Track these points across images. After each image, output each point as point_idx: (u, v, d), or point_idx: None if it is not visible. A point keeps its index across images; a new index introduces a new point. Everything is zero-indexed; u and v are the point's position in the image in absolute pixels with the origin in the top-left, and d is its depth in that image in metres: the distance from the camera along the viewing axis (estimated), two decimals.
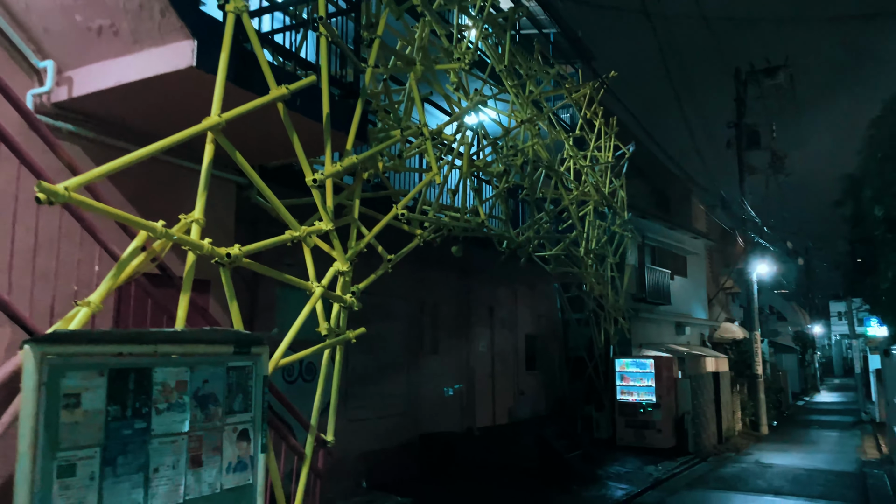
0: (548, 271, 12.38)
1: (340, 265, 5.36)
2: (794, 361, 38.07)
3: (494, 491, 10.40)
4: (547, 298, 16.32)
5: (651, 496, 10.98)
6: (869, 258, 9.71)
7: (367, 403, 10.35)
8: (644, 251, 18.52)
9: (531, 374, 15.38)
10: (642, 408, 14.71)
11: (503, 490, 10.46)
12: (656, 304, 18.54)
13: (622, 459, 13.53)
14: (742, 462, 14.66)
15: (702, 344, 21.59)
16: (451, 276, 12.83)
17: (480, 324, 13.62)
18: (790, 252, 22.87)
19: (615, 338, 15.37)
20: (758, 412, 20.50)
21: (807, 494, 11.00)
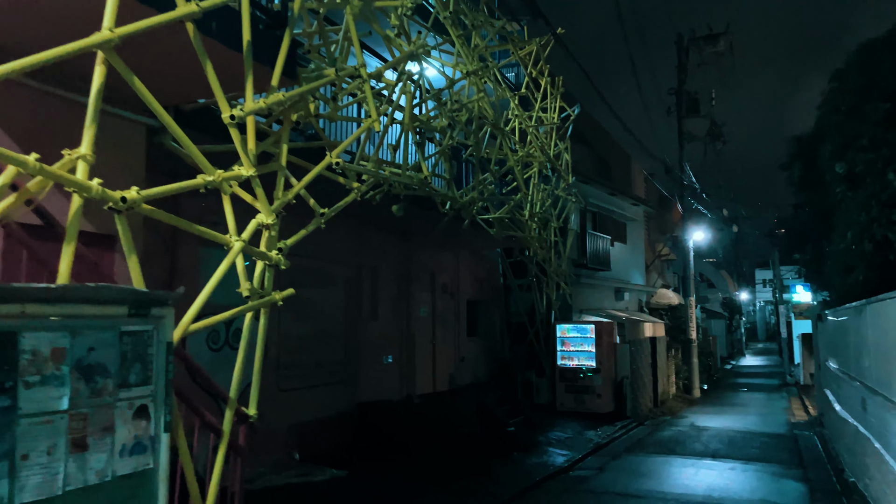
0: (491, 235, 11.95)
1: (264, 217, 4.71)
2: (723, 327, 39.28)
3: (434, 459, 10.02)
4: (489, 264, 15.94)
5: (592, 462, 10.83)
6: (814, 222, 9.64)
7: (302, 372, 9.75)
8: (586, 217, 18.34)
9: (472, 340, 15.04)
10: (582, 373, 14.60)
11: (443, 459, 10.09)
12: (597, 270, 18.45)
13: (562, 425, 13.40)
14: (678, 425, 14.79)
15: (639, 310, 21.76)
16: (392, 240, 12.24)
17: (422, 289, 13.13)
18: (725, 219, 23.25)
19: (557, 303, 15.17)
20: (691, 376, 20.88)
21: (744, 457, 11.07)
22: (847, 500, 8.25)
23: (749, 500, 8.36)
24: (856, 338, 8.31)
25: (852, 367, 8.86)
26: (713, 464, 10.54)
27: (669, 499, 8.37)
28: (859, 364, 8.19)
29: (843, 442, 9.78)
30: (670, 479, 9.51)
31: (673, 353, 20.24)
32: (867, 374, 7.62)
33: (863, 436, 8.00)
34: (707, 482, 9.30)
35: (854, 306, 8.02)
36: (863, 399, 8.04)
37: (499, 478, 9.25)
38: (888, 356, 6.34)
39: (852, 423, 8.85)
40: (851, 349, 8.85)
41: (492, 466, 9.87)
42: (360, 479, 8.57)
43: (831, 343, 11.90)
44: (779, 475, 9.81)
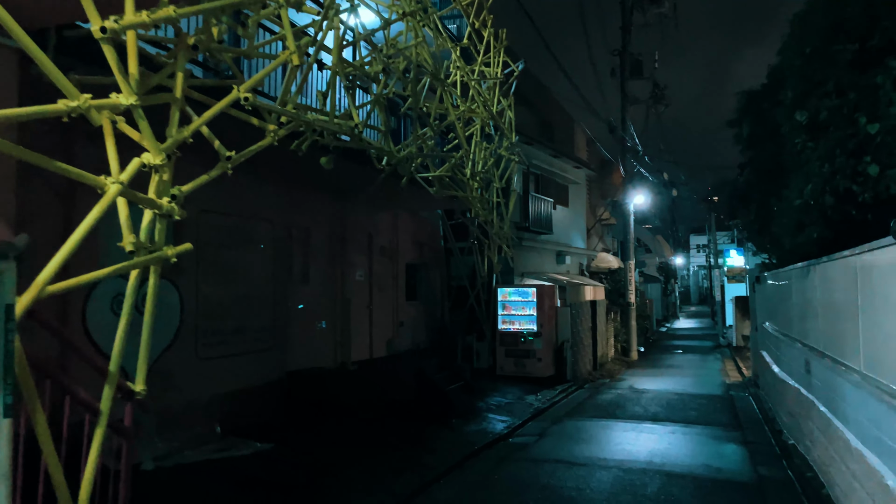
0: (432, 195, 11.27)
1: (151, 157, 3.89)
2: (658, 290, 40.00)
3: (370, 429, 9.45)
4: (430, 226, 15.29)
5: (532, 427, 10.47)
6: (761, 181, 9.34)
7: (224, 339, 8.94)
8: (529, 179, 17.86)
9: (412, 304, 14.44)
10: (523, 337, 14.23)
11: (379, 428, 9.53)
12: (539, 233, 18.06)
13: (503, 390, 13.02)
14: (617, 388, 14.66)
15: (580, 273, 21.59)
16: (325, 199, 11.42)
17: (358, 251, 12.39)
18: (665, 183, 23.23)
19: (498, 266, 14.69)
20: (629, 339, 20.93)
21: (683, 420, 10.91)
22: (787, 462, 8.09)
23: (691, 465, 8.11)
24: (801, 299, 8.07)
25: (795, 329, 8.66)
26: (654, 427, 10.32)
27: (611, 465, 8.03)
28: (804, 326, 7.96)
29: (783, 404, 9.67)
30: (611, 445, 9.21)
31: (612, 316, 20.19)
32: (813, 336, 7.37)
33: (806, 398, 7.81)
34: (648, 447, 9.04)
35: (801, 267, 7.74)
36: (807, 361, 7.83)
37: (436, 447, 8.75)
38: (839, 318, 6.03)
39: (793, 386, 8.69)
40: (795, 311, 8.64)
41: (429, 435, 9.37)
42: (287, 453, 7.92)
43: (770, 305, 11.81)
44: (718, 438, 9.66)
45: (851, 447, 5.48)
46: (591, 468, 7.91)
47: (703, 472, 7.80)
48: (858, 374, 5.36)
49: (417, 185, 10.75)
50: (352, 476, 7.31)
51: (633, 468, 7.90)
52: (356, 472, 7.46)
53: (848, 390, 5.73)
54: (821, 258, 6.53)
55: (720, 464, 8.18)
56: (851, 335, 5.55)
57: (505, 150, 13.87)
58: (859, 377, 5.34)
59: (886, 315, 4.62)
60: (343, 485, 7.00)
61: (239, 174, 9.51)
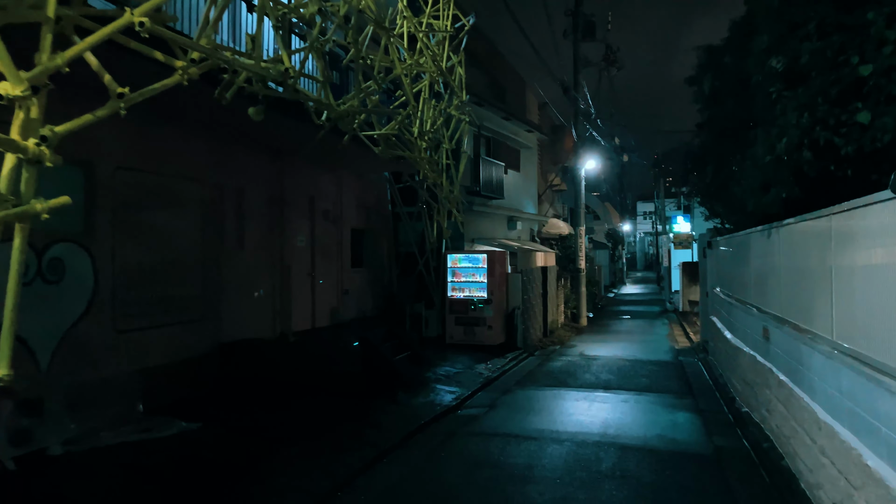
0: (377, 156, 10.54)
1: (10, 86, 3.08)
2: (606, 257, 40.24)
3: (310, 404, 8.81)
4: (377, 190, 14.52)
5: (482, 398, 10.01)
6: (720, 141, 8.93)
7: (146, 309, 8.12)
8: (479, 142, 17.21)
9: (358, 271, 13.74)
10: (473, 304, 13.73)
11: (320, 404, 8.90)
12: (490, 198, 17.50)
13: (452, 359, 12.53)
14: (567, 355, 14.36)
15: (531, 239, 21.21)
16: (262, 158, 10.54)
17: (299, 215, 11.58)
18: (617, 148, 22.88)
19: (448, 232, 14.09)
20: (579, 305, 20.74)
21: (635, 387, 10.63)
22: (742, 431, 7.82)
23: (645, 436, 7.75)
24: (761, 264, 7.72)
25: (752, 295, 8.35)
26: (606, 396, 9.99)
27: (564, 438, 7.61)
28: (763, 292, 7.63)
29: (735, 371, 9.44)
30: (563, 416, 8.81)
31: (562, 282, 19.92)
32: (774, 302, 7.02)
33: (762, 366, 7.51)
34: (601, 417, 8.68)
35: (762, 230, 7.37)
36: (765, 328, 7.51)
37: (381, 422, 8.18)
38: (807, 283, 5.64)
39: (748, 353, 8.41)
40: (752, 276, 8.32)
41: (375, 409, 8.80)
42: (217, 432, 7.22)
43: (722, 271, 11.56)
44: (671, 406, 9.38)
45: (820, 420, 5.12)
46: (543, 442, 7.47)
47: (658, 443, 7.45)
48: (829, 343, 4.97)
49: (362, 144, 10.00)
50: (287, 456, 6.69)
51: (586, 441, 7.49)
52: (293, 452, 6.84)
53: (816, 360, 5.36)
54: (786, 220, 6.13)
55: (675, 434, 7.86)
56: (822, 302, 5.15)
57: (455, 110, 13.18)
58: (830, 347, 4.95)
59: (868, 280, 4.19)
60: (276, 467, 6.37)
61: (163, 127, 8.64)
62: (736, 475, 6.35)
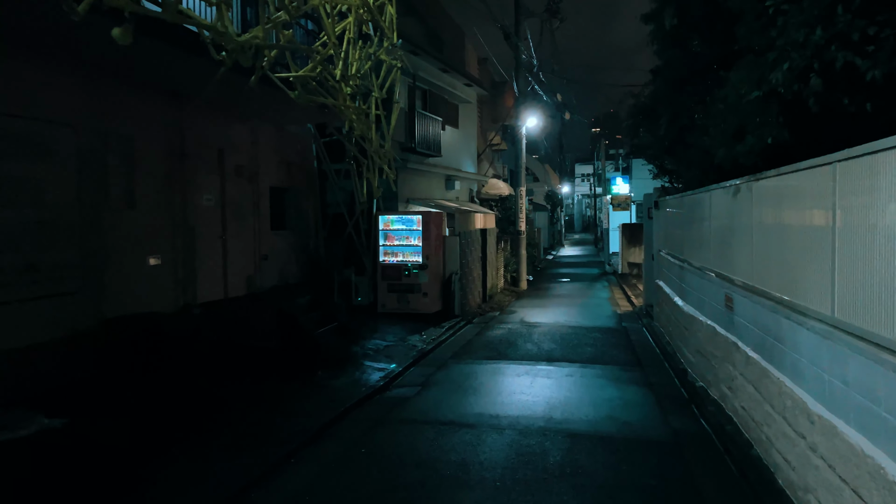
0: (298, 104, 9.13)
1: None
2: (546, 219, 39.68)
3: (211, 389, 7.53)
4: (300, 144, 13.02)
5: (414, 375, 8.93)
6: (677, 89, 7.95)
7: (6, 280, 6.59)
8: (415, 94, 15.82)
9: (279, 234, 12.33)
10: (408, 270, 12.57)
11: (225, 387, 7.63)
12: (427, 156, 16.22)
13: (384, 330, 11.38)
14: (508, 322, 13.44)
15: (470, 200, 20.10)
16: (155, 102, 8.95)
17: (205, 170, 10.06)
18: (559, 105, 21.88)
19: (379, 191, 12.79)
20: (519, 268, 19.87)
21: (580, 358, 9.75)
22: (700, 410, 7.00)
23: (595, 419, 6.83)
24: (724, 224, 6.80)
25: (711, 259, 7.47)
26: (549, 370, 9.07)
27: (505, 425, 6.61)
28: (726, 256, 6.73)
29: (688, 341, 8.64)
30: (504, 395, 7.82)
31: (502, 245, 18.96)
32: (742, 268, 6.11)
33: (724, 339, 6.66)
34: (546, 395, 7.73)
35: (728, 186, 6.42)
36: (728, 297, 6.63)
37: (294, 410, 6.99)
38: (793, 247, 4.70)
39: (705, 323, 7.57)
40: (712, 239, 7.42)
41: (289, 393, 7.59)
42: (82, 431, 5.87)
43: (672, 233, 10.74)
44: (619, 380, 8.52)
45: (811, 412, 4.21)
46: (481, 431, 6.44)
47: (610, 428, 6.53)
48: (827, 320, 4.03)
49: (277, 89, 8.57)
50: (166, 461, 5.43)
51: (530, 427, 6.50)
52: (175, 455, 5.58)
53: (803, 339, 4.44)
54: (765, 172, 5.15)
55: (627, 416, 6.97)
56: (816, 269, 4.20)
57: (385, 55, 11.75)
58: (828, 325, 4.02)
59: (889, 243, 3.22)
60: (147, 477, 5.11)
61: (24, 60, 6.99)
62: (701, 468, 5.47)
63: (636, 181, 31.42)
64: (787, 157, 4.68)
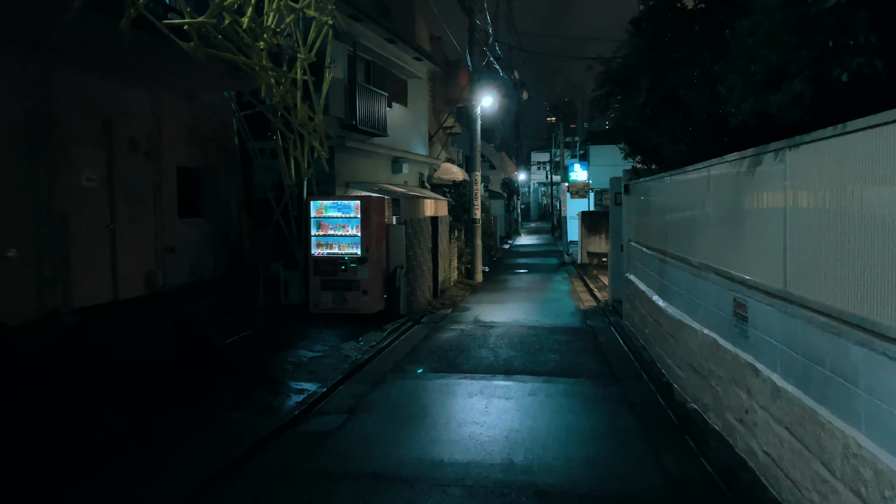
0: (208, 69, 7.24)
1: None
2: (502, 207, 38.21)
3: (75, 424, 5.62)
4: (217, 116, 11.00)
5: (344, 396, 7.16)
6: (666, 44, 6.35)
7: None
8: (356, 64, 13.89)
9: (191, 222, 10.34)
10: (344, 264, 10.73)
11: (93, 420, 5.71)
12: (370, 134, 14.33)
13: (313, 336, 9.54)
14: (461, 322, 11.75)
15: (421, 185, 18.30)
16: (9, 53, 6.88)
17: (85, 143, 8.04)
18: (516, 84, 20.27)
19: (309, 172, 10.91)
20: (474, 259, 18.20)
21: (544, 370, 8.11)
22: (699, 445, 5.41)
23: (568, 464, 5.17)
24: (733, 211, 5.20)
25: (711, 254, 5.87)
26: (508, 386, 7.40)
27: (451, 480, 4.88)
28: (738, 252, 5.12)
29: (674, 350, 7.08)
30: (452, 426, 6.10)
31: (456, 234, 17.25)
32: (764, 269, 4.51)
33: (732, 356, 5.08)
34: (504, 425, 6.06)
35: (750, 156, 4.81)
36: (738, 302, 5.05)
37: (164, 461, 5.13)
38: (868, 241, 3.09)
39: (702, 333, 6.00)
40: (713, 228, 5.83)
41: (168, 430, 5.72)
42: None
43: (649, 221, 9.17)
44: (593, 401, 6.91)
45: None
46: (418, 490, 4.70)
47: (589, 478, 4.88)
48: None
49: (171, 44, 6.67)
50: None
51: (484, 482, 4.80)
52: None
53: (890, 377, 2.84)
54: (821, 131, 3.53)
55: (610, 456, 5.33)
56: None
57: (314, 10, 9.84)
58: None
59: None
60: None
61: None
62: None
63: (594, 168, 30.12)
64: (862, 105, 3.06)
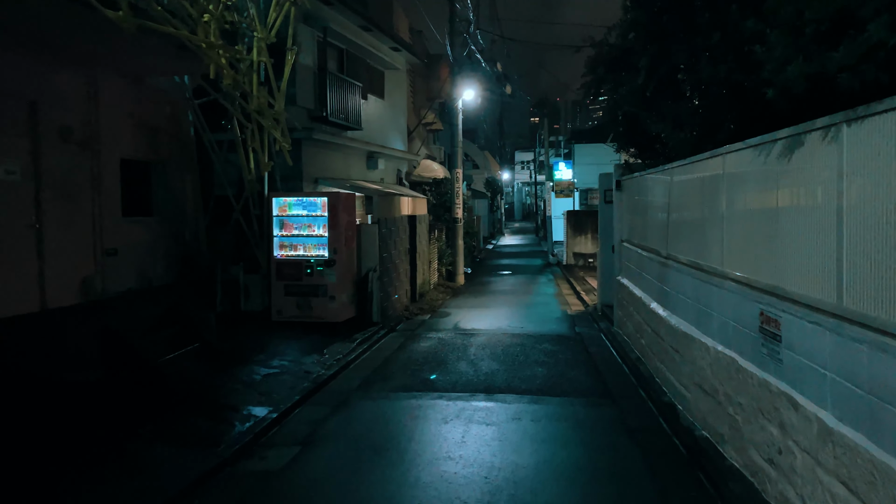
0: (142, 39, 6.18)
1: None
2: (486, 206, 37.35)
3: None
4: (169, 104, 9.89)
5: (297, 422, 6.13)
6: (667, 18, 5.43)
7: None
8: (327, 51, 12.83)
9: (139, 221, 9.24)
10: (310, 267, 9.69)
11: None
12: (343, 127, 13.29)
13: (272, 348, 8.49)
14: (439, 328, 10.76)
15: (399, 182, 17.26)
16: None
17: (3, 130, 6.93)
18: (500, 76, 19.30)
19: (269, 165, 9.86)
20: (455, 261, 17.21)
21: (530, 387, 7.13)
22: (718, 488, 4.46)
23: None
24: (758, 207, 4.25)
25: (729, 259, 4.93)
26: (490, 409, 6.41)
27: None
28: (766, 257, 4.17)
29: (680, 368, 6.13)
30: (422, 464, 5.10)
31: (436, 234, 16.25)
32: (809, 279, 3.56)
33: (760, 383, 4.14)
34: (484, 462, 5.07)
35: (787, 137, 3.86)
36: (767, 317, 4.10)
37: None
38: None
39: (717, 350, 5.05)
40: (729, 228, 4.88)
41: (73, 475, 4.66)
42: None
43: (646, 219, 8.23)
44: (587, 427, 5.95)
45: None
46: None
47: None
48: None
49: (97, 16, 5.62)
50: None
51: None
52: None
53: None
54: None
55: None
56: None
57: None
58: None
59: None
60: None
61: None
62: None
63: (579, 167, 29.33)
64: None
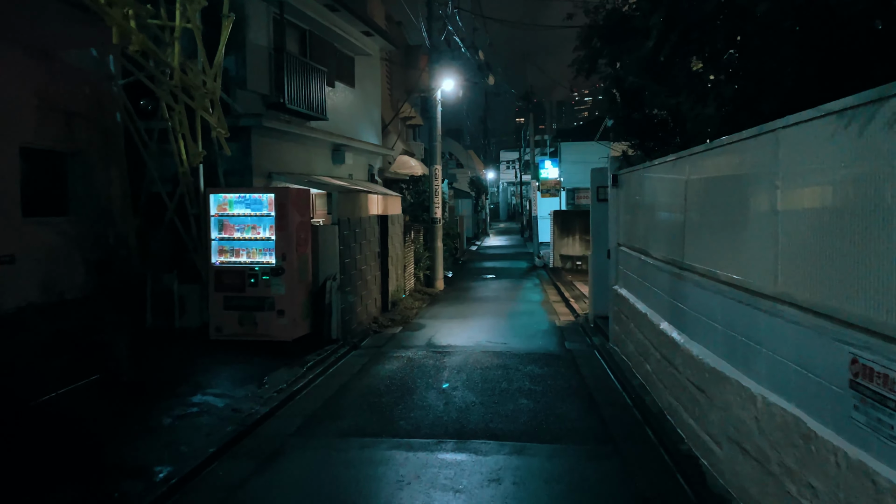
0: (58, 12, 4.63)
1: None
2: (470, 206, 35.90)
3: None
4: (88, 84, 8.32)
5: (206, 487, 4.61)
6: None
7: None
8: (285, 30, 11.27)
9: (47, 223, 7.68)
10: (254, 276, 8.16)
11: None
12: (305, 117, 11.75)
13: (201, 376, 6.94)
14: (409, 345, 9.28)
15: (370, 179, 15.71)
16: None
17: None
18: (482, 66, 17.91)
19: (201, 154, 8.32)
20: (434, 265, 15.73)
21: (512, 430, 5.64)
22: None
23: None
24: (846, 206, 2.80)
25: (792, 279, 3.47)
26: (460, 464, 4.93)
27: None
28: (846, 276, 2.72)
29: (707, 415, 4.69)
30: None
31: (412, 236, 14.75)
32: None
33: (854, 466, 2.69)
34: None
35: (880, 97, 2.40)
36: (861, 367, 2.65)
37: None
38: None
39: (771, 403, 3.61)
40: (790, 235, 3.43)
41: None
42: None
43: (652, 220, 6.78)
44: (587, 490, 4.49)
45: None
46: None
47: None
48: None
49: None
50: None
51: None
52: None
53: None
54: None
55: None
56: None
57: None
58: None
59: None
60: None
61: None
62: None
63: (566, 165, 27.96)
64: None
